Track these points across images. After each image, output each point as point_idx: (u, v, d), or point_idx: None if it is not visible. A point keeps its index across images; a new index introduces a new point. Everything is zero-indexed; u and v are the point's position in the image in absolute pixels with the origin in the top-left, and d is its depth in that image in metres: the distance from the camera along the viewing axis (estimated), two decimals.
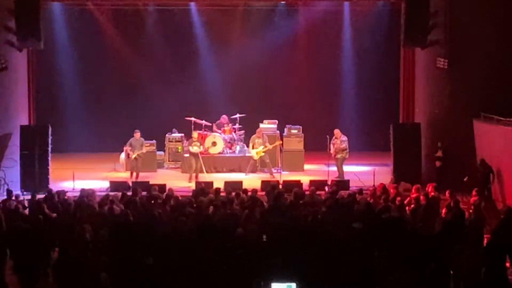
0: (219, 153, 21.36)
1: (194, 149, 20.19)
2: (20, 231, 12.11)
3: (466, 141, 19.13)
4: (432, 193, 14.97)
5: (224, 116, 21.98)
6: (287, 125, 21.70)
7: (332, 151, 19.76)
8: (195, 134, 20.65)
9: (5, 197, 15.22)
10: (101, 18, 22.81)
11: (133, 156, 19.51)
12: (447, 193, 14.78)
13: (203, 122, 21.72)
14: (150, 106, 23.56)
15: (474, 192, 14.92)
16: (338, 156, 19.71)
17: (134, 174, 19.56)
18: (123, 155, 21.25)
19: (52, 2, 20.97)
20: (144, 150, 19.80)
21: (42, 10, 19.11)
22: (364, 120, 23.70)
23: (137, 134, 19.87)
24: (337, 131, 19.91)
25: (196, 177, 19.86)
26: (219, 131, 21.74)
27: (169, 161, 21.78)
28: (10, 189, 16.23)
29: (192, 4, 22.45)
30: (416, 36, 19.22)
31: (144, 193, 15.47)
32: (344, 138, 19.80)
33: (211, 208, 13.94)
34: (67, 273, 10.70)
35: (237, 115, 21.92)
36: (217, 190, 15.36)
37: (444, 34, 19.24)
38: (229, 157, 21.47)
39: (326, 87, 23.91)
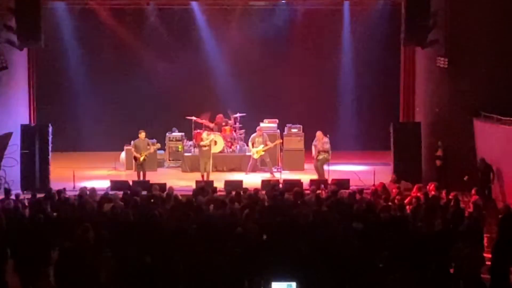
0: (220, 152, 21.36)
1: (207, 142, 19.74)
2: (21, 230, 12.13)
3: (466, 140, 19.14)
4: (433, 192, 14.98)
5: (219, 115, 21.96)
6: (287, 124, 21.69)
7: (314, 153, 19.55)
8: (205, 134, 20.03)
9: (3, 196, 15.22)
10: (102, 17, 22.77)
11: (141, 158, 19.00)
12: (443, 192, 14.80)
13: (204, 121, 21.72)
14: (150, 104, 23.55)
15: (474, 191, 14.95)
16: (320, 157, 19.37)
17: (141, 174, 19.13)
18: (123, 154, 21.24)
19: (53, 1, 20.93)
20: (152, 149, 19.41)
21: (43, 9, 19.11)
22: (364, 119, 23.67)
23: (142, 135, 19.31)
24: (319, 133, 19.62)
25: (207, 176, 19.46)
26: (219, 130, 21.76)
27: (169, 160, 21.77)
28: (8, 188, 16.22)
29: (194, 3, 22.43)
30: (416, 36, 19.23)
31: (144, 192, 15.48)
32: (327, 139, 19.55)
33: (211, 207, 13.96)
34: (67, 272, 10.72)
35: (238, 114, 21.91)
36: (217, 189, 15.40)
37: (444, 34, 19.24)
38: (230, 156, 21.48)
39: (327, 86, 23.87)
